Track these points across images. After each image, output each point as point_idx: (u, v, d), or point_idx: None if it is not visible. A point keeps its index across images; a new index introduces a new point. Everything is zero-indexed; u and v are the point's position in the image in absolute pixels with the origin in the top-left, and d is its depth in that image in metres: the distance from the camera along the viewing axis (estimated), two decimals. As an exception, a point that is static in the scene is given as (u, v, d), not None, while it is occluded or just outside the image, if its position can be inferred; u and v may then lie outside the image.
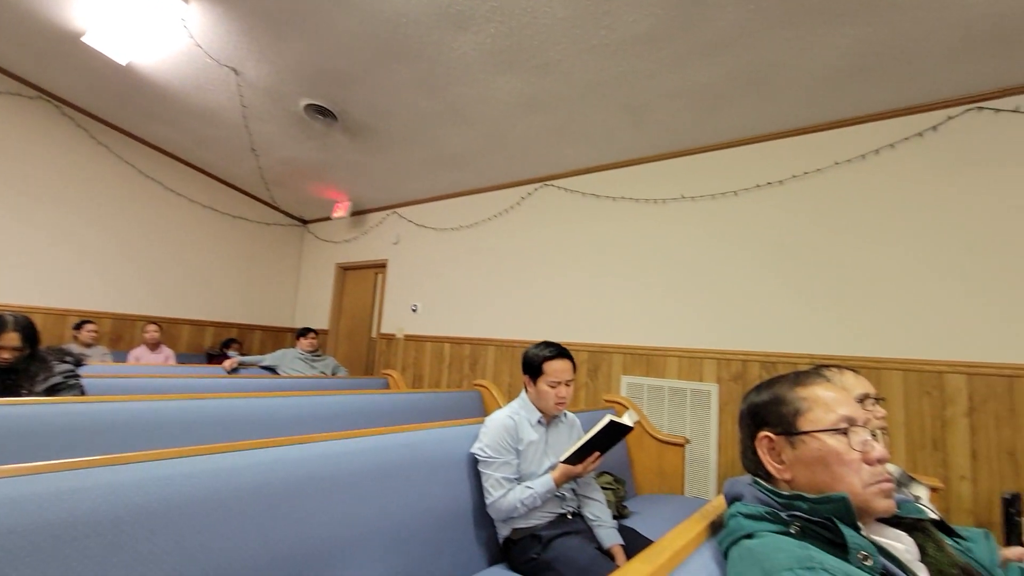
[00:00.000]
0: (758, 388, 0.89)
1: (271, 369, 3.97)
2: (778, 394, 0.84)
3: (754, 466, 0.85)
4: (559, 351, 1.76)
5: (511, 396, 3.80)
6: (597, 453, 1.66)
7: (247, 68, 3.53)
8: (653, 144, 3.57)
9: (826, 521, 0.68)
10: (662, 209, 3.60)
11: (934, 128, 2.72)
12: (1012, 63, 2.42)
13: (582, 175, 4.06)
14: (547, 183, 4.27)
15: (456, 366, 4.60)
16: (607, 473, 2.31)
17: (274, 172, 5.21)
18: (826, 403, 0.80)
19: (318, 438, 1.41)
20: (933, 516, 0.79)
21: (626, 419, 1.65)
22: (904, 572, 0.66)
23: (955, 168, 2.64)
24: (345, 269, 6.08)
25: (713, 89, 2.91)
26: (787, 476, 0.79)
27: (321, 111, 3.82)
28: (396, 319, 5.27)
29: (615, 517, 1.95)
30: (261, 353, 4.63)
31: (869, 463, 0.75)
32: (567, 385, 1.74)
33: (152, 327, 4.40)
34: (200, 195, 5.55)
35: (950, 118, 2.68)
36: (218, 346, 5.43)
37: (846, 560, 0.64)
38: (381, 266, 5.60)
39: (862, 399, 1.38)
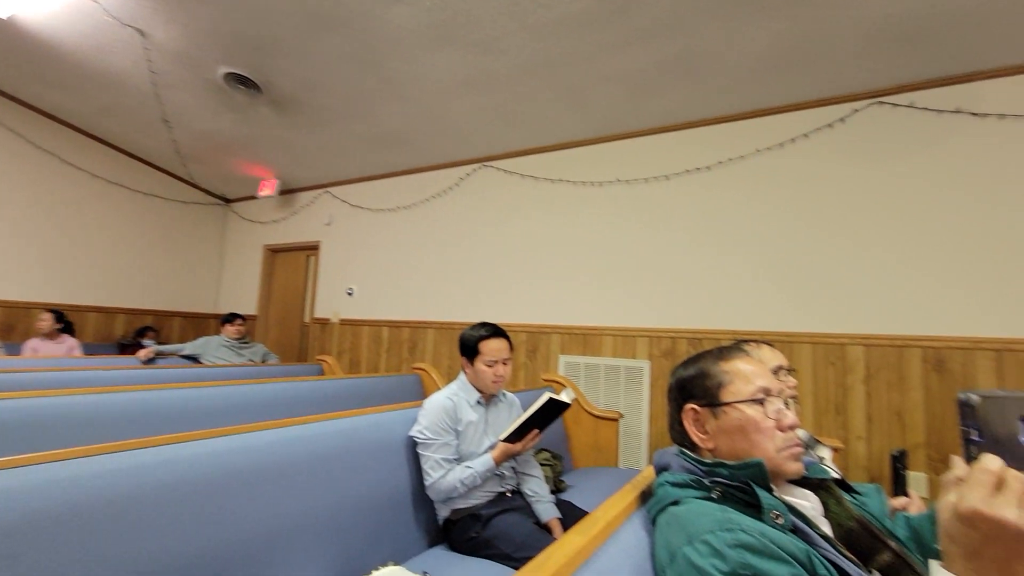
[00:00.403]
0: (685, 363, 0.94)
1: (193, 358, 3.72)
2: (703, 368, 0.89)
3: (680, 437, 0.90)
4: (494, 331, 1.78)
5: (451, 379, 3.78)
6: (536, 431, 1.70)
7: (155, 29, 3.21)
8: (591, 127, 3.62)
9: (744, 485, 0.74)
10: (599, 192, 3.67)
11: (842, 120, 2.94)
12: (908, 62, 2.64)
13: (521, 157, 4.06)
14: (486, 164, 4.23)
15: (395, 350, 4.52)
16: (545, 450, 2.37)
17: (191, 146, 4.81)
18: (745, 376, 0.85)
19: (243, 429, 1.34)
20: (835, 475, 0.87)
21: (564, 397, 1.69)
22: (810, 527, 0.72)
23: (860, 157, 2.87)
24: (274, 251, 5.77)
25: (648, 74, 2.98)
26: (710, 445, 0.84)
27: (243, 81, 3.55)
28: (331, 303, 5.08)
29: (553, 492, 2.01)
30: (182, 341, 4.32)
31: (782, 430, 0.81)
32: (504, 364, 1.76)
33: (47, 315, 3.97)
34: (105, 170, 5.03)
35: (856, 111, 2.90)
36: (131, 335, 5.01)
37: (761, 520, 0.69)
38: (313, 248, 5.36)
39: (776, 371, 1.49)
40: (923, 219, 2.68)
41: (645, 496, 0.94)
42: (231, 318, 3.97)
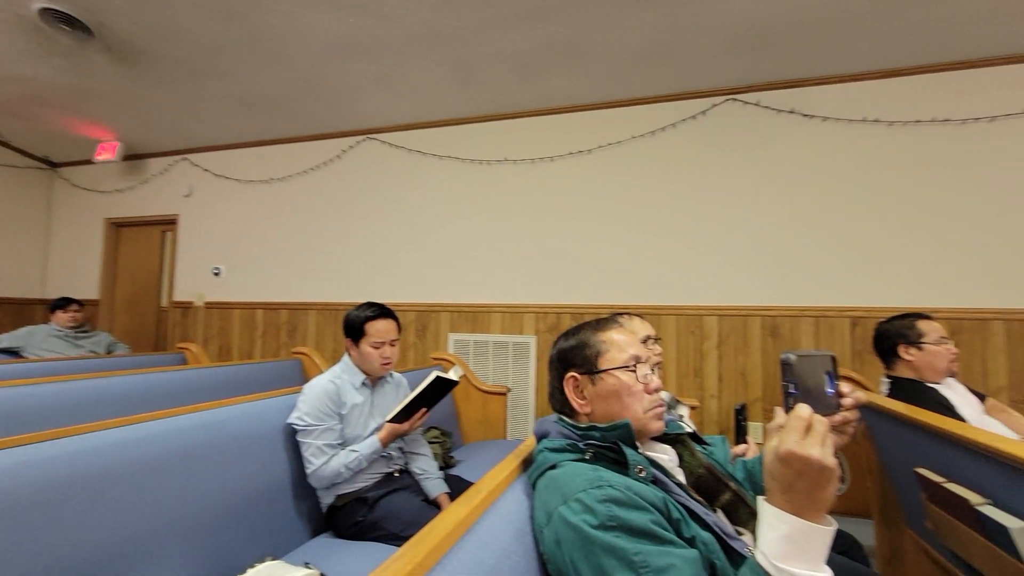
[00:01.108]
0: (566, 335, 0.99)
1: (12, 352, 3.13)
2: (582, 339, 0.95)
3: (560, 404, 0.95)
4: (381, 311, 1.72)
5: (337, 362, 3.62)
6: (424, 409, 1.69)
7: (-66, -58, 2.55)
8: (480, 105, 3.60)
9: (613, 445, 0.80)
10: (487, 171, 3.69)
11: (703, 113, 3.25)
12: (756, 64, 2.98)
13: (408, 131, 3.93)
14: (371, 136, 4.03)
15: (272, 334, 4.20)
16: (435, 427, 2.38)
17: (1, 96, 3.95)
18: (620, 345, 0.93)
19: (85, 429, 1.16)
20: (689, 430, 0.99)
21: (452, 374, 1.70)
22: (667, 477, 0.81)
23: (717, 147, 3.20)
24: (119, 226, 5.00)
25: (534, 55, 3.02)
26: (588, 409, 0.90)
27: (67, 20, 2.97)
28: (193, 284, 4.55)
29: (442, 468, 2.03)
30: (-5, 332, 3.60)
31: (648, 393, 0.90)
32: (392, 345, 1.72)
33: None
34: None
35: (714, 105, 3.22)
36: (-79, 326, 4.07)
37: (627, 475, 0.77)
38: (170, 222, 4.73)
39: (645, 340, 1.64)
40: (764, 205, 3.09)
41: (527, 464, 0.98)
42: (63, 303, 3.39)
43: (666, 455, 0.90)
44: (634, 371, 0.90)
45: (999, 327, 2.68)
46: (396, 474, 1.72)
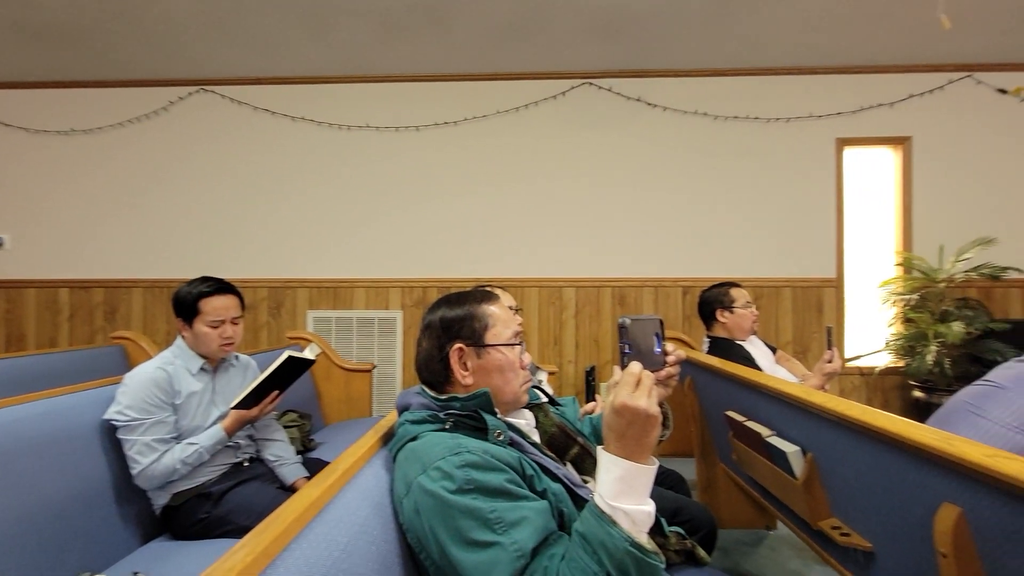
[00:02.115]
0: (449, 302, 0.97)
1: None
2: (471, 311, 0.94)
3: (436, 374, 0.93)
4: (219, 286, 1.54)
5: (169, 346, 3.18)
6: (276, 392, 1.58)
7: None
8: (337, 63, 3.34)
9: (473, 413, 0.83)
10: (347, 136, 3.46)
11: (563, 94, 3.40)
12: (610, 52, 3.19)
13: (253, 85, 3.50)
14: (206, 88, 3.52)
15: (83, 317, 3.54)
16: (292, 410, 2.23)
17: None
18: (505, 320, 0.95)
19: None
20: (544, 399, 1.06)
21: (308, 353, 1.60)
22: (524, 438, 0.86)
23: (575, 127, 3.38)
24: None
25: (395, 16, 2.87)
26: (469, 381, 0.91)
27: None
28: (-38, 258, 3.62)
29: (301, 452, 1.92)
30: None
31: (523, 368, 0.94)
32: (234, 324, 1.55)
33: None
34: None
35: (572, 87, 3.39)
36: None
37: (486, 440, 0.80)
38: (-81, 178, 3.67)
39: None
40: (614, 185, 3.36)
41: (389, 438, 0.97)
42: None
43: (523, 419, 0.96)
44: (515, 348, 0.93)
45: (788, 293, 3.29)
46: (246, 464, 1.58)
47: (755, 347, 2.10)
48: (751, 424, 1.55)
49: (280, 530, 0.57)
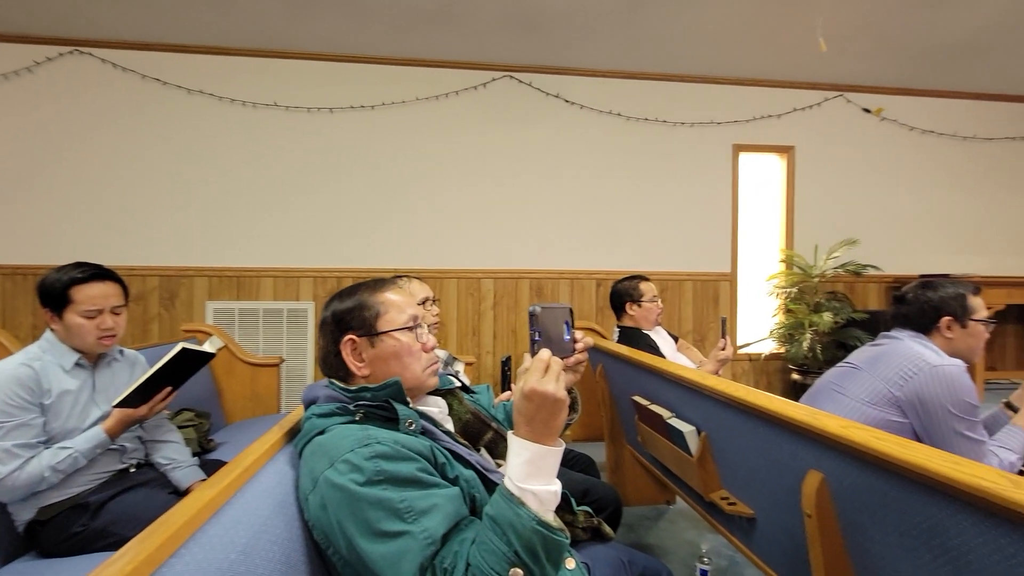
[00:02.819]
0: (340, 296, 0.94)
1: None
2: (361, 300, 0.92)
3: (334, 368, 0.91)
4: (95, 272, 1.36)
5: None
6: (168, 388, 1.44)
7: None
8: (242, 35, 3.08)
9: (384, 403, 0.82)
10: (252, 114, 3.22)
11: (484, 85, 3.40)
12: (530, 47, 3.23)
13: (140, 51, 3.14)
14: (82, 50, 3.10)
15: (-81, 308, 3.01)
16: (187, 409, 2.06)
17: None
18: (398, 306, 0.93)
19: None
20: (458, 384, 1.07)
21: (207, 346, 1.49)
22: (436, 426, 0.87)
23: (495, 122, 3.40)
24: None
25: (306, -11, 2.71)
26: (366, 372, 0.89)
27: None
28: None
29: (199, 454, 1.78)
30: None
31: (425, 351, 0.93)
32: (114, 314, 1.39)
33: None
34: None
35: (494, 79, 3.40)
36: None
37: (397, 430, 0.79)
38: None
39: (424, 301, 1.68)
40: (533, 179, 3.43)
41: (296, 434, 0.93)
42: None
43: (436, 407, 0.96)
44: (412, 331, 0.92)
45: (689, 286, 3.55)
46: (132, 469, 1.44)
47: (660, 336, 2.25)
48: (654, 407, 1.66)
49: (168, 534, 0.53)
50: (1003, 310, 3.29)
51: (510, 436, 0.71)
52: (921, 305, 1.44)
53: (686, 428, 1.45)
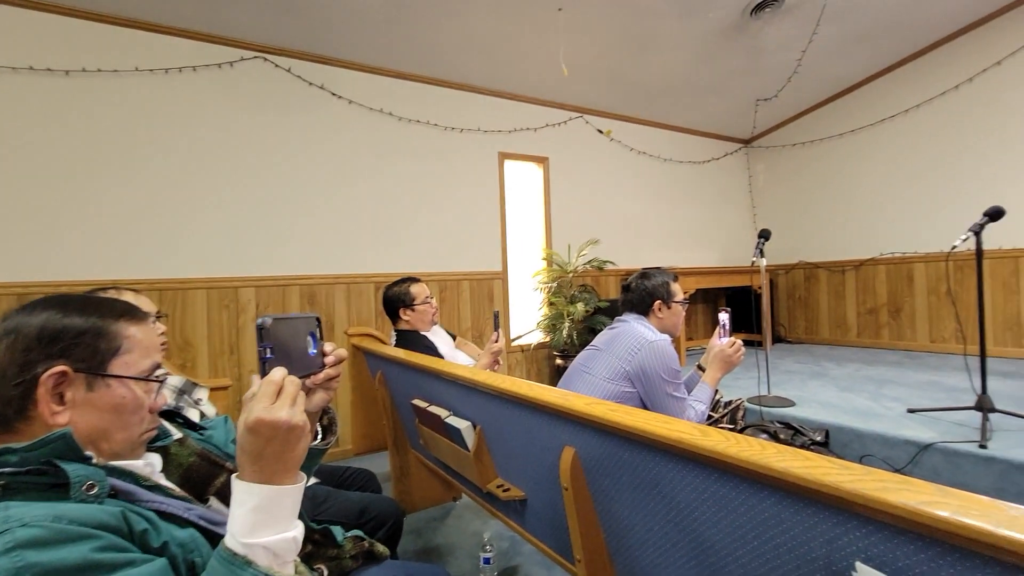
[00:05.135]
0: (63, 306, 0.66)
1: None
2: (99, 324, 0.66)
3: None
4: None
5: None
6: None
7: None
8: None
9: (44, 466, 0.59)
10: None
11: (231, 64, 2.94)
12: (287, 29, 2.91)
13: None
14: None
15: None
16: None
17: None
18: (144, 348, 0.70)
19: None
20: (176, 436, 0.83)
21: None
22: (139, 482, 0.66)
23: (248, 108, 2.97)
24: None
25: None
26: (61, 420, 0.62)
27: None
28: None
29: None
30: None
31: (152, 411, 0.71)
32: None
33: None
34: None
35: (243, 59, 2.97)
36: None
37: (68, 498, 0.57)
38: None
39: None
40: (298, 174, 3.11)
41: None
42: None
43: (141, 460, 0.74)
44: (150, 386, 0.70)
45: (466, 285, 3.70)
46: None
47: (437, 336, 2.26)
48: (433, 408, 1.65)
49: None
50: (694, 293, 4.28)
51: (233, 482, 0.57)
52: (640, 292, 1.74)
53: (462, 424, 1.47)
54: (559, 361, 3.88)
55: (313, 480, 1.52)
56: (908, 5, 3.50)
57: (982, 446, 1.99)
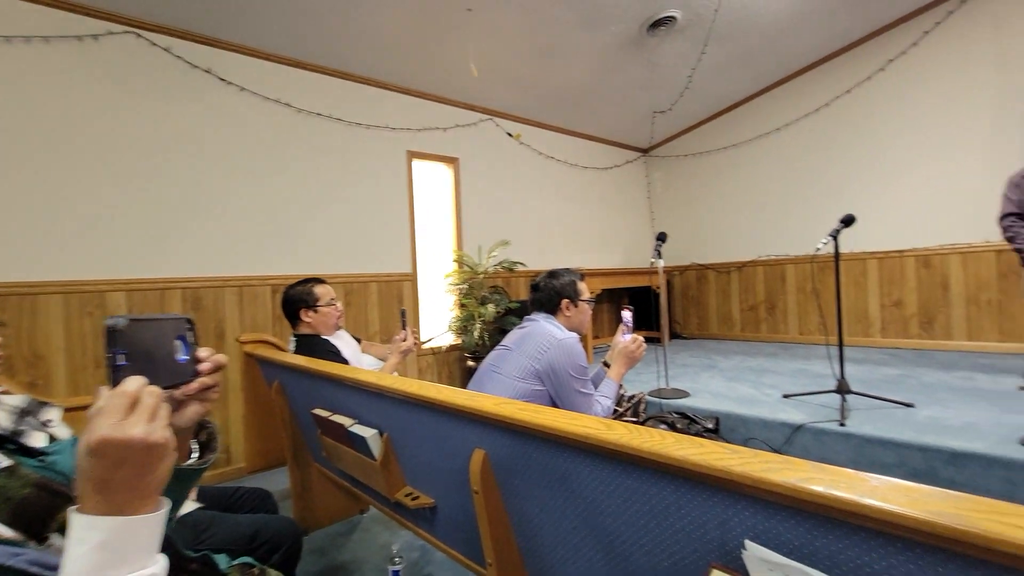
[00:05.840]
0: None
1: None
2: None
3: None
4: None
5: None
6: None
7: None
8: None
9: None
10: None
11: (96, 38, 2.58)
12: (168, 5, 2.61)
13: None
14: None
15: None
16: None
17: None
18: None
19: None
20: (4, 461, 0.70)
21: None
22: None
23: (116, 90, 2.62)
24: None
25: None
26: None
27: None
28: None
29: None
30: None
31: None
32: None
33: None
34: None
35: (111, 33, 2.62)
36: None
37: None
38: None
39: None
40: (178, 165, 2.80)
41: None
42: None
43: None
44: None
45: (374, 287, 3.55)
46: None
47: (342, 341, 2.14)
48: (336, 417, 1.55)
49: None
50: (600, 293, 4.46)
51: (70, 516, 0.48)
52: (548, 291, 1.76)
53: (368, 433, 1.39)
54: (471, 363, 3.85)
55: (195, 505, 1.36)
56: (784, 31, 3.91)
57: (842, 424, 2.27)
